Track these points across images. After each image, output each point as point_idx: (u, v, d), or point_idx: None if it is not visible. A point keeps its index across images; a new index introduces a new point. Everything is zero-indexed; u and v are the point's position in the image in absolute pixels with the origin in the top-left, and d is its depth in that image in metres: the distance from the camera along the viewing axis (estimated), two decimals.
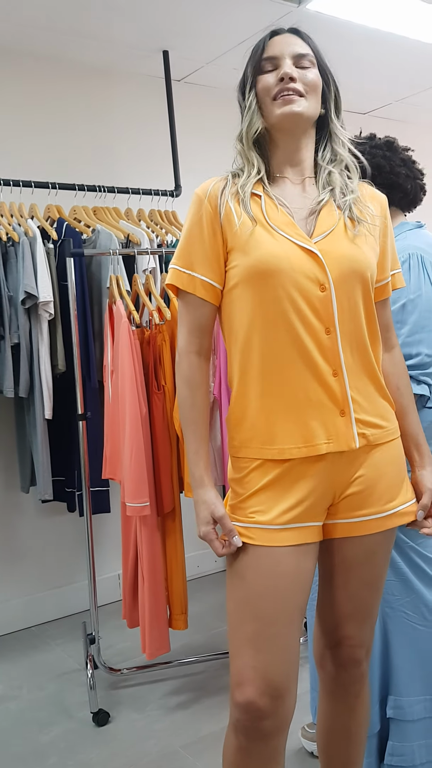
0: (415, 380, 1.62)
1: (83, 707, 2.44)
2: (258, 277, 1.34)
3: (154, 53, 3.22)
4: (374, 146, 1.80)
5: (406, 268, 1.66)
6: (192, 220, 1.41)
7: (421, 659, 1.79)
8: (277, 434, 1.36)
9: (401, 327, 1.63)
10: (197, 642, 2.89)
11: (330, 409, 1.36)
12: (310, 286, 1.34)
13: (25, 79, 3.16)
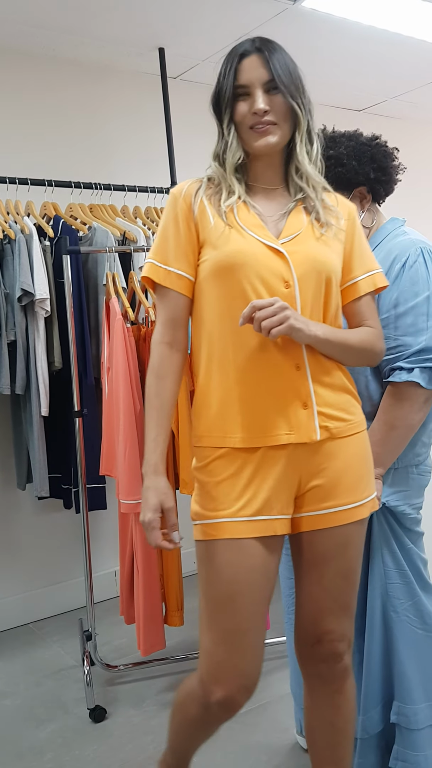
0: None
1: (80, 703, 2.45)
2: (225, 270, 1.40)
3: (150, 51, 3.22)
4: (360, 143, 1.81)
5: (421, 261, 1.65)
6: (167, 217, 1.47)
7: (422, 665, 1.78)
8: (240, 424, 1.41)
9: (427, 319, 1.62)
10: (194, 638, 2.90)
11: (292, 402, 1.41)
12: (275, 282, 1.40)
13: (21, 77, 3.16)
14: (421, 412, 1.64)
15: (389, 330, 1.64)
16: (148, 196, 3.21)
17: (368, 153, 1.76)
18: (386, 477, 1.73)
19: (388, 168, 1.78)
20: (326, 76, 3.66)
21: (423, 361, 1.60)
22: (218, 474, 1.42)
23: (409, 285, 1.63)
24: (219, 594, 1.39)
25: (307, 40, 3.21)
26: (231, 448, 1.41)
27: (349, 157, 1.74)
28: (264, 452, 1.41)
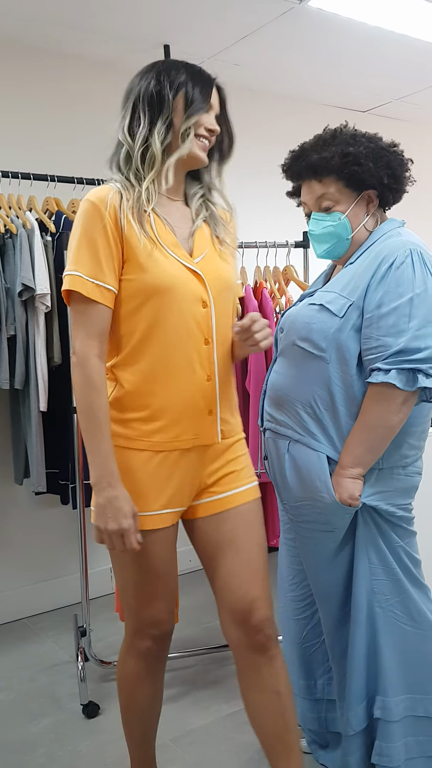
0: (425, 373, 1.61)
1: (73, 699, 2.45)
2: (155, 292, 1.49)
3: (155, 47, 3.22)
4: (389, 150, 1.81)
5: (409, 263, 1.64)
6: (94, 228, 1.48)
7: (405, 659, 1.80)
8: (156, 429, 1.54)
9: (409, 321, 1.62)
10: (188, 636, 2.90)
11: (201, 410, 1.57)
12: (195, 303, 1.54)
13: (26, 72, 3.15)
14: (400, 413, 1.64)
15: (372, 330, 1.64)
16: None
17: (385, 158, 1.75)
18: (369, 476, 1.72)
19: (401, 177, 1.78)
20: (331, 76, 3.66)
21: (401, 362, 1.60)
22: (135, 472, 1.55)
23: (394, 286, 1.63)
24: (144, 569, 1.59)
25: (313, 39, 3.21)
26: (146, 450, 1.55)
27: (366, 157, 1.74)
28: (174, 453, 1.56)
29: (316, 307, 1.74)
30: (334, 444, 1.72)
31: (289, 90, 3.88)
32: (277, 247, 2.61)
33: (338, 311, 1.69)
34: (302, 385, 1.75)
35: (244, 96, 3.81)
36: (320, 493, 1.72)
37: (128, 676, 1.73)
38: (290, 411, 1.77)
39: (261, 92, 3.88)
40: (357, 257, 1.76)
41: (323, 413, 1.73)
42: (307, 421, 1.75)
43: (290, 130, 4.01)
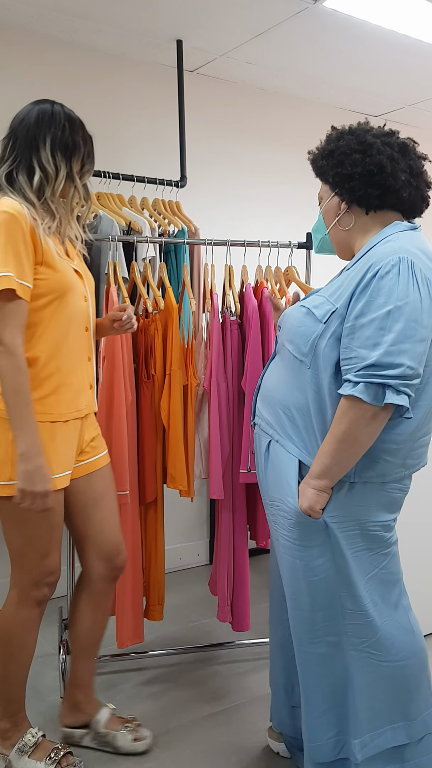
0: (395, 390, 1.54)
1: (54, 691, 2.44)
2: (62, 288, 1.81)
3: (168, 42, 3.21)
4: (386, 143, 1.70)
5: (395, 272, 1.56)
6: (16, 236, 1.73)
7: (387, 691, 1.75)
8: (59, 402, 1.84)
9: (384, 334, 1.53)
10: (174, 634, 2.89)
11: (85, 384, 1.93)
12: (81, 298, 1.89)
13: (37, 60, 3.14)
14: (369, 428, 1.57)
15: (349, 340, 1.59)
16: (156, 187, 3.20)
17: (348, 157, 1.71)
18: (339, 489, 1.67)
19: (358, 179, 1.71)
20: (343, 78, 3.65)
21: (370, 376, 1.53)
22: (49, 442, 1.82)
23: (375, 296, 1.56)
24: (42, 525, 1.86)
25: (326, 40, 3.20)
26: (53, 422, 1.83)
27: (328, 155, 1.74)
28: (71, 422, 1.88)
29: (304, 310, 1.71)
30: (307, 449, 1.69)
31: (300, 91, 3.86)
32: (280, 247, 2.59)
33: (322, 317, 1.65)
34: (285, 387, 1.74)
35: (255, 95, 3.79)
36: (287, 497, 1.70)
37: (21, 625, 1.93)
38: (273, 410, 1.77)
39: (272, 92, 3.86)
40: (354, 262, 1.70)
41: (298, 418, 1.70)
42: (284, 423, 1.73)
43: (300, 131, 4.00)
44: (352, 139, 1.72)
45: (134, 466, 2.33)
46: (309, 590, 1.74)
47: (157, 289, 2.41)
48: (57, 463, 1.84)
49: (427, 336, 1.57)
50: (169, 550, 3.17)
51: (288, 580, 1.79)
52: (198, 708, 2.37)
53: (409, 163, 1.71)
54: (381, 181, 1.68)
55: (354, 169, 1.69)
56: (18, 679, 1.99)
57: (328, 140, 1.78)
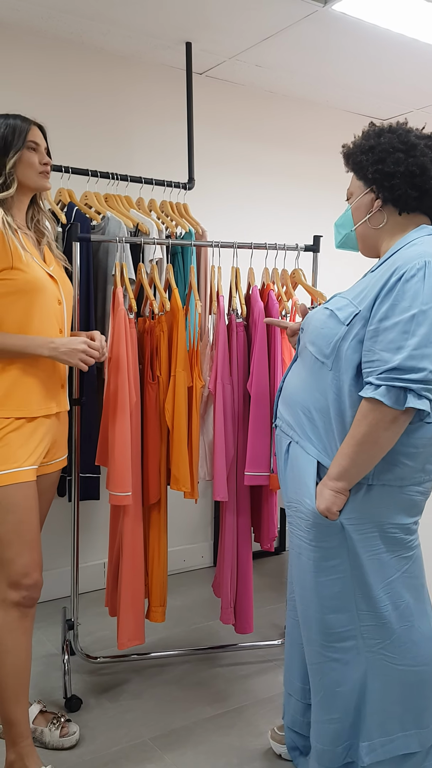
0: (417, 394, 1.54)
1: (57, 692, 2.44)
2: (28, 287, 1.89)
3: (177, 44, 3.21)
4: (429, 146, 1.69)
5: (420, 276, 1.56)
6: None
7: (401, 696, 1.75)
8: (32, 401, 1.92)
9: (408, 338, 1.54)
10: (176, 636, 2.89)
11: (57, 384, 2.01)
12: (54, 301, 1.97)
13: (46, 62, 3.16)
14: (389, 431, 1.57)
15: (372, 342, 1.59)
16: (164, 189, 3.20)
17: (392, 157, 1.69)
18: (356, 491, 1.67)
19: (401, 181, 1.70)
20: (352, 82, 3.64)
21: (392, 379, 1.54)
22: (12, 436, 1.89)
23: (399, 299, 1.56)
24: (19, 519, 1.90)
25: (335, 44, 3.20)
26: (22, 418, 1.90)
27: (368, 151, 1.71)
28: (41, 419, 1.95)
29: (327, 312, 1.71)
30: (326, 451, 1.70)
31: (309, 94, 3.86)
32: (287, 249, 2.59)
33: (345, 319, 1.65)
34: (306, 389, 1.74)
35: (264, 98, 3.80)
36: (304, 498, 1.71)
37: (3, 628, 1.92)
38: (294, 412, 1.77)
39: (281, 95, 3.86)
40: (379, 264, 1.70)
41: (318, 419, 1.71)
42: (305, 425, 1.73)
43: (308, 134, 4.00)
44: (395, 138, 1.70)
45: (138, 468, 2.33)
46: (323, 592, 1.74)
47: (163, 291, 2.41)
48: (23, 457, 1.90)
49: None
50: (172, 552, 3.17)
51: (302, 582, 1.78)
52: (200, 710, 2.37)
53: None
54: (421, 183, 1.68)
55: (396, 168, 1.67)
56: (12, 693, 1.94)
57: (366, 136, 1.75)
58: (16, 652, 1.94)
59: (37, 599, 1.97)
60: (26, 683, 1.97)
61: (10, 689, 1.94)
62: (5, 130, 1.93)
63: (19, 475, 1.89)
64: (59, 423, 2.05)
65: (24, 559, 1.92)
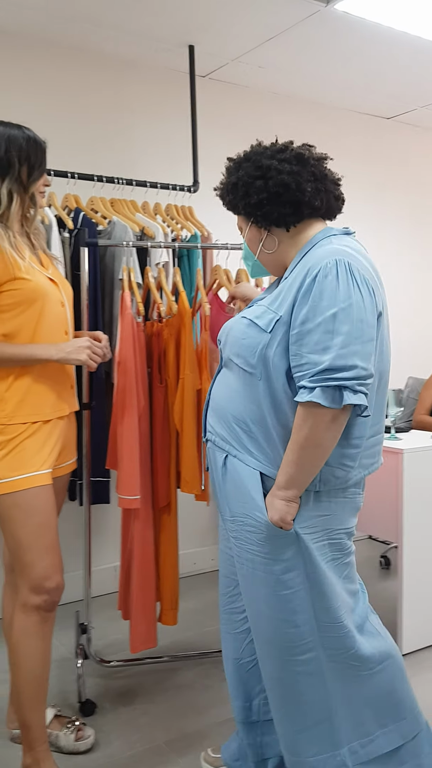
0: (351, 390, 1.52)
1: (71, 696, 2.45)
2: (35, 296, 1.92)
3: (180, 47, 3.22)
4: (283, 160, 1.67)
5: (334, 275, 1.54)
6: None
7: (370, 700, 1.73)
8: (46, 404, 1.96)
9: (333, 337, 1.52)
10: (189, 639, 2.89)
11: (66, 384, 2.05)
12: (57, 304, 2.00)
13: (49, 67, 3.17)
14: (330, 431, 1.55)
15: (298, 346, 1.57)
16: (169, 193, 3.21)
17: (251, 186, 1.69)
18: (306, 499, 1.64)
19: (263, 201, 1.69)
20: (356, 81, 3.64)
21: (325, 380, 1.52)
22: (27, 440, 1.91)
23: (317, 300, 1.54)
24: (39, 522, 1.92)
25: (338, 43, 3.20)
26: (36, 422, 1.93)
27: (233, 188, 1.73)
28: (54, 421, 1.98)
29: (246, 321, 1.69)
30: (270, 461, 1.66)
31: (313, 94, 3.86)
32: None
33: (266, 326, 1.63)
34: (237, 400, 1.70)
35: (267, 99, 3.80)
36: (253, 512, 1.66)
37: (22, 631, 1.95)
38: (227, 425, 1.72)
39: (284, 95, 3.86)
40: (290, 271, 1.68)
41: (256, 430, 1.67)
42: (241, 437, 1.69)
43: (312, 135, 3.99)
44: (250, 167, 1.70)
45: (147, 471, 2.33)
46: (283, 606, 1.68)
47: (171, 294, 2.42)
48: (40, 461, 1.92)
49: (373, 335, 1.57)
50: (183, 555, 3.17)
51: (256, 597, 1.73)
52: (213, 713, 2.36)
53: (311, 170, 1.69)
54: (290, 199, 1.67)
55: (260, 196, 1.68)
56: (29, 698, 1.95)
57: (228, 173, 1.76)
58: (35, 658, 1.95)
59: (57, 603, 1.98)
60: (44, 688, 1.98)
61: (28, 694, 1.95)
62: (28, 144, 1.93)
63: (37, 478, 1.91)
64: (70, 424, 2.07)
65: (45, 562, 1.93)
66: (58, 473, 2.06)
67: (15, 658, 1.96)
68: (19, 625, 1.95)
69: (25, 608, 1.94)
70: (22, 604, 1.94)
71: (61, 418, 2.01)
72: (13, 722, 2.20)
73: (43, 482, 1.93)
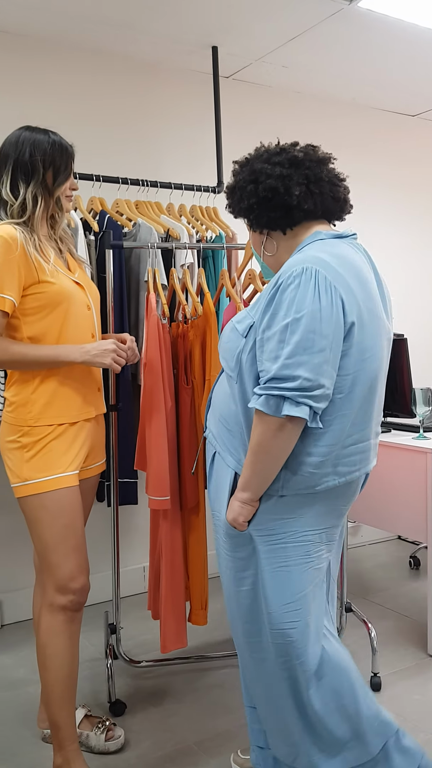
0: (293, 401, 1.51)
1: (101, 696, 2.46)
2: (59, 299, 1.93)
3: (203, 49, 3.23)
4: (275, 163, 1.67)
5: (296, 284, 1.53)
6: (3, 257, 1.85)
7: (320, 712, 1.72)
8: (72, 407, 1.97)
9: (283, 347, 1.52)
10: (218, 639, 2.89)
11: (93, 387, 2.06)
12: (83, 307, 2.01)
13: (73, 71, 3.19)
14: (277, 439, 1.55)
15: (259, 353, 1.60)
16: (193, 194, 3.22)
17: (247, 188, 1.71)
18: (266, 501, 1.65)
19: (259, 204, 1.71)
20: (380, 78, 3.62)
21: (269, 389, 1.53)
22: (52, 442, 1.93)
23: (278, 309, 1.55)
24: (64, 523, 1.93)
25: (362, 41, 3.18)
26: (61, 424, 1.94)
27: (232, 192, 1.76)
28: (81, 423, 2.00)
29: (230, 326, 1.72)
30: (241, 462, 1.69)
31: (336, 93, 3.84)
32: None
33: (243, 331, 1.66)
34: (225, 401, 1.74)
35: (291, 98, 3.79)
36: (221, 508, 1.73)
37: (49, 631, 1.96)
38: (217, 423, 1.78)
39: (308, 94, 3.85)
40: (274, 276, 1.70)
41: (235, 431, 1.70)
42: (224, 436, 1.74)
43: (337, 134, 3.98)
44: (246, 171, 1.72)
45: (175, 472, 2.34)
46: (240, 601, 1.75)
47: (195, 295, 2.42)
48: (66, 462, 1.94)
49: (328, 346, 1.53)
50: (212, 556, 3.17)
51: (225, 586, 1.81)
52: (243, 714, 2.36)
53: (305, 173, 1.67)
54: (280, 203, 1.67)
55: (250, 201, 1.69)
56: (58, 697, 1.97)
57: (232, 176, 1.78)
58: (63, 657, 1.96)
59: (83, 603, 1.99)
60: (73, 687, 1.99)
61: (57, 693, 1.96)
62: (53, 149, 1.94)
63: (63, 480, 1.93)
64: (97, 426, 2.08)
65: (71, 563, 1.95)
66: (86, 475, 2.07)
67: (43, 657, 1.98)
68: (45, 625, 1.97)
69: (51, 608, 1.96)
70: (48, 604, 1.96)
71: (88, 420, 2.02)
72: (44, 722, 2.22)
73: (69, 484, 1.94)
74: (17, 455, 1.93)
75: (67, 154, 1.97)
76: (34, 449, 1.92)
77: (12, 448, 1.94)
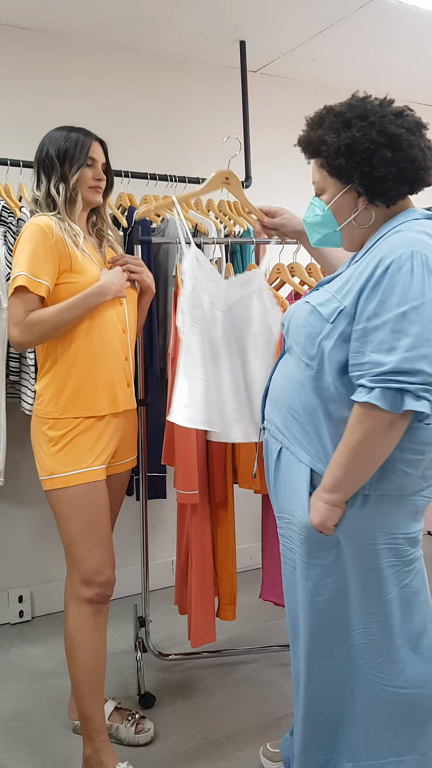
0: (414, 395, 1.39)
1: (130, 689, 2.48)
2: None
3: (231, 43, 3.22)
4: (408, 129, 1.48)
5: (409, 268, 1.39)
6: (35, 242, 1.88)
7: (389, 719, 1.63)
8: (99, 400, 1.96)
9: (400, 338, 1.39)
10: (246, 633, 2.89)
11: (122, 382, 2.03)
12: (115, 301, 2.00)
13: (101, 68, 3.20)
14: (387, 437, 1.43)
15: (361, 343, 1.45)
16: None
17: (372, 152, 1.49)
18: (353, 502, 1.53)
19: (386, 175, 1.51)
20: (409, 71, 3.58)
21: (387, 381, 1.39)
22: (78, 435, 1.94)
23: (388, 295, 1.40)
24: (89, 518, 1.95)
25: (391, 33, 3.15)
26: (89, 417, 1.95)
27: (343, 151, 1.52)
28: (109, 417, 1.99)
29: (308, 308, 1.57)
30: (319, 457, 1.56)
31: (365, 86, 3.76)
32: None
33: (328, 316, 1.50)
34: (294, 389, 1.60)
35: (319, 91, 3.76)
36: (297, 510, 1.58)
37: (75, 623, 1.98)
38: (282, 414, 1.63)
39: (337, 88, 3.82)
40: (363, 253, 1.54)
41: (308, 423, 1.57)
42: (295, 429, 1.60)
43: None
44: (369, 129, 1.49)
45: (203, 466, 2.34)
46: (314, 612, 1.63)
47: None
48: (92, 457, 1.95)
49: None
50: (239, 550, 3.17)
51: (292, 596, 1.68)
52: (272, 708, 2.37)
53: (428, 143, 1.52)
54: (412, 176, 1.50)
55: (388, 169, 1.48)
56: (86, 689, 1.98)
57: (333, 128, 1.53)
58: (90, 648, 1.98)
59: (109, 596, 2.01)
60: (101, 679, 2.01)
61: (85, 685, 1.98)
62: (67, 144, 1.98)
63: (89, 474, 1.94)
64: (127, 422, 2.08)
65: (96, 557, 1.96)
66: (115, 470, 2.09)
67: (71, 649, 2.00)
68: (72, 617, 1.99)
69: (77, 600, 1.98)
70: (75, 597, 1.98)
71: (116, 415, 2.02)
72: (74, 713, 2.24)
73: (95, 478, 1.96)
74: (44, 448, 1.96)
75: (81, 145, 1.99)
76: (60, 443, 1.94)
77: (40, 440, 1.97)
